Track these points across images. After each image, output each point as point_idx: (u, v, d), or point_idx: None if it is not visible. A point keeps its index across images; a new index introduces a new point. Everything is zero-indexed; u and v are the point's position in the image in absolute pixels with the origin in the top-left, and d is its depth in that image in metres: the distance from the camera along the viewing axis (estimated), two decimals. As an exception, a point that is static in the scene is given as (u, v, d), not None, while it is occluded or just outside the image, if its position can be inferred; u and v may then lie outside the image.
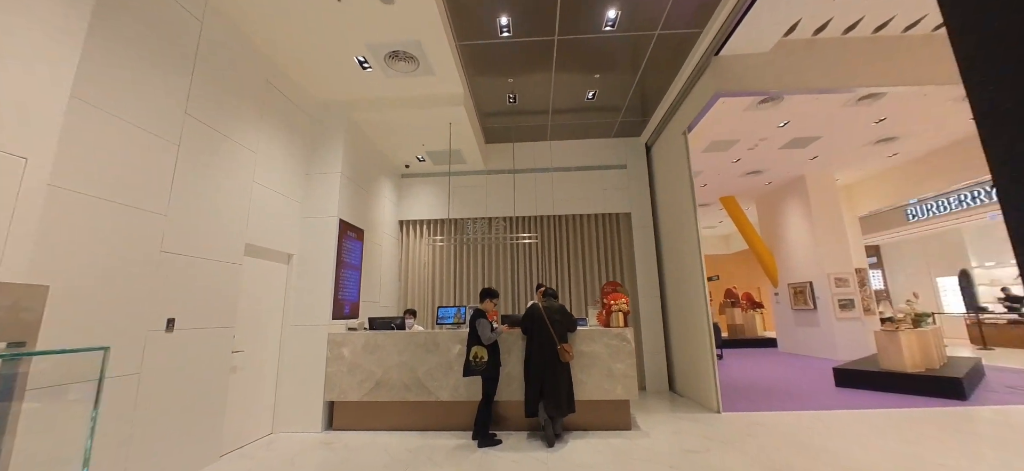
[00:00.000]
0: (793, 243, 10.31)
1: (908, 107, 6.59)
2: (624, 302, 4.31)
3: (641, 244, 6.75)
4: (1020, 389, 5.49)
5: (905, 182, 9.59)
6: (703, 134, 7.47)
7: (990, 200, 10.09)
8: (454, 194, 7.32)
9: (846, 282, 9.16)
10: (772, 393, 5.79)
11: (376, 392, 4.43)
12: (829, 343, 9.10)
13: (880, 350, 5.90)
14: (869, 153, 8.63)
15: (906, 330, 5.78)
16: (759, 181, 10.23)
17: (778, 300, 11.01)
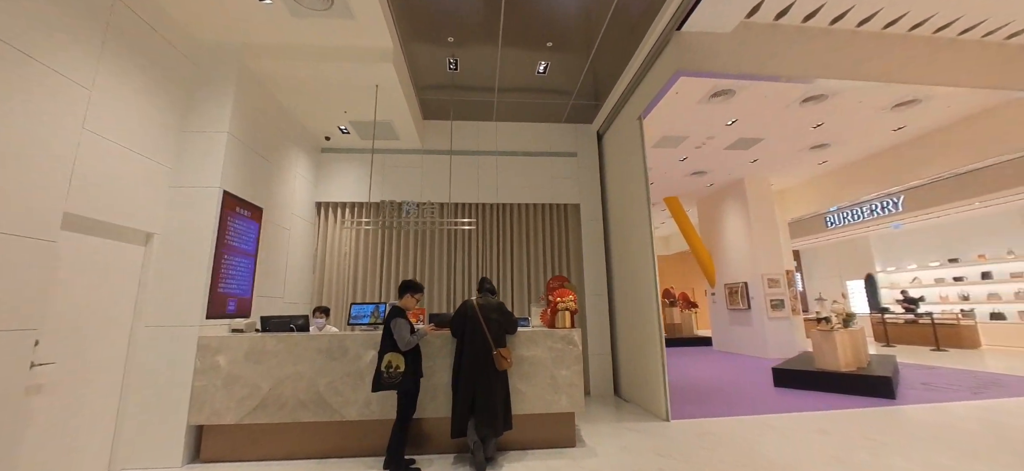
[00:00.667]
0: (730, 245, 10.55)
1: (843, 114, 6.76)
2: (572, 299, 3.75)
3: (590, 238, 6.29)
4: (933, 385, 5.74)
5: (829, 190, 10.15)
6: (655, 128, 7.21)
7: (896, 210, 11.04)
8: (386, 176, 6.38)
9: (778, 283, 9.47)
10: (716, 395, 5.59)
11: (261, 412, 3.47)
12: (761, 342, 9.36)
13: (816, 350, 5.93)
14: (802, 159, 8.95)
15: (839, 330, 5.84)
16: (702, 182, 10.33)
17: (714, 300, 11.26)
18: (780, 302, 9.32)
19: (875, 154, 8.83)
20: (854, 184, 9.48)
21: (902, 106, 6.68)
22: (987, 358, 8.35)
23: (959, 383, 5.88)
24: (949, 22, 4.57)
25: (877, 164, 8.88)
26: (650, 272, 4.79)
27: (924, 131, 7.71)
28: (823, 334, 5.80)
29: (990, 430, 3.82)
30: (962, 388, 5.56)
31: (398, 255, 6.23)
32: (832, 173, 9.94)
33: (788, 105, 6.51)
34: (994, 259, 10.72)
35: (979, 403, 4.75)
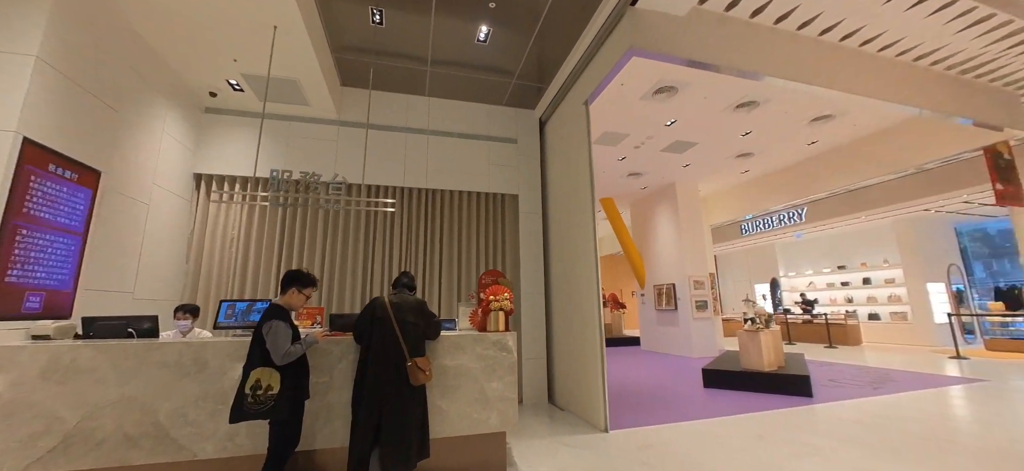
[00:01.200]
0: (660, 247, 10.80)
1: (769, 124, 7.06)
2: (507, 298, 3.18)
3: (528, 233, 5.79)
4: (839, 382, 6.12)
5: (747, 199, 10.82)
6: (597, 123, 6.94)
7: (799, 221, 12.14)
8: (291, 148, 5.32)
9: (702, 285, 9.83)
10: (652, 399, 5.40)
11: (62, 456, 2.41)
12: (686, 341, 9.64)
13: (742, 350, 6.03)
14: (728, 167, 9.37)
15: (763, 330, 5.99)
16: (637, 185, 10.44)
17: (643, 301, 11.49)
18: (704, 303, 9.68)
19: (789, 167, 9.50)
20: (769, 194, 10.17)
21: (818, 121, 7.13)
22: (868, 353, 9.36)
23: (859, 379, 6.34)
24: (872, 37, 4.75)
25: (790, 176, 9.58)
26: (592, 271, 4.40)
27: (832, 148, 8.40)
28: (749, 335, 5.90)
29: (907, 425, 3.97)
30: (863, 384, 5.96)
31: (302, 242, 5.21)
32: (751, 183, 10.60)
33: (724, 109, 6.61)
34: (873, 267, 12.23)
35: (884, 399, 5.05)
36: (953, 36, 4.70)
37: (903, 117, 7.09)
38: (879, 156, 7.75)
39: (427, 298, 5.31)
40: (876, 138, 7.78)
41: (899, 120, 7.22)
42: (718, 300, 10.87)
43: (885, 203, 9.89)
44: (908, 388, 5.60)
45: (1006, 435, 3.70)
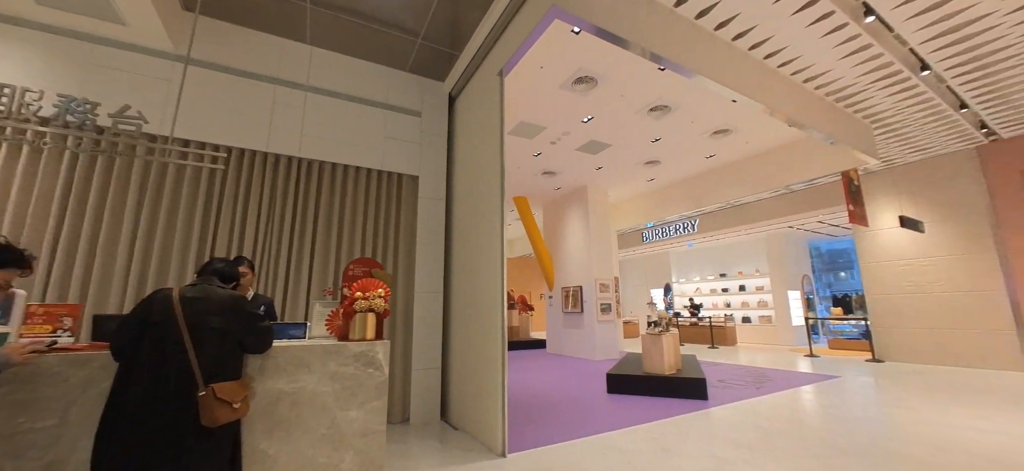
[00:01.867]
0: (570, 249, 10.74)
1: (677, 132, 7.25)
2: (381, 295, 2.36)
3: (427, 222, 4.97)
4: (728, 383, 6.39)
5: (651, 207, 11.32)
6: (513, 110, 6.43)
7: (692, 231, 13.14)
8: (102, 81, 3.78)
9: (607, 288, 9.95)
10: (555, 410, 4.97)
11: None
12: (590, 344, 9.64)
13: (645, 353, 5.95)
14: (637, 174, 9.61)
15: (665, 334, 5.98)
16: (551, 184, 10.23)
17: (551, 303, 11.35)
18: (608, 306, 9.79)
19: (689, 178, 10.08)
20: (669, 204, 10.72)
21: (718, 134, 7.52)
22: (742, 353, 10.33)
23: (743, 379, 6.72)
24: (775, 51, 4.91)
25: (688, 188, 10.18)
26: (497, 269, 3.77)
27: (726, 163, 9.04)
28: (652, 338, 5.84)
29: (798, 425, 4.05)
30: (748, 384, 6.29)
31: (99, 209, 3.71)
32: (655, 192, 11.10)
33: (639, 111, 6.55)
34: (747, 276, 13.76)
35: (769, 399, 5.27)
36: (837, 62, 5.07)
37: (784, 140, 7.82)
38: (762, 174, 8.50)
39: (291, 296, 4.18)
40: (761, 158, 8.52)
41: (780, 142, 7.96)
42: (619, 304, 11.20)
43: (761, 219, 11.08)
44: (784, 387, 6.01)
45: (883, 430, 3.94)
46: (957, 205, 7.65)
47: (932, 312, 7.82)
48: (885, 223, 8.56)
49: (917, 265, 8.09)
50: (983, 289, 7.26)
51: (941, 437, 3.74)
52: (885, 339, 8.43)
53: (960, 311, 7.49)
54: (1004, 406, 4.68)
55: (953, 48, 4.80)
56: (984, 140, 7.27)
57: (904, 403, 4.90)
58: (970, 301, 7.39)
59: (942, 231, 7.80)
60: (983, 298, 7.25)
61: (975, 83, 5.50)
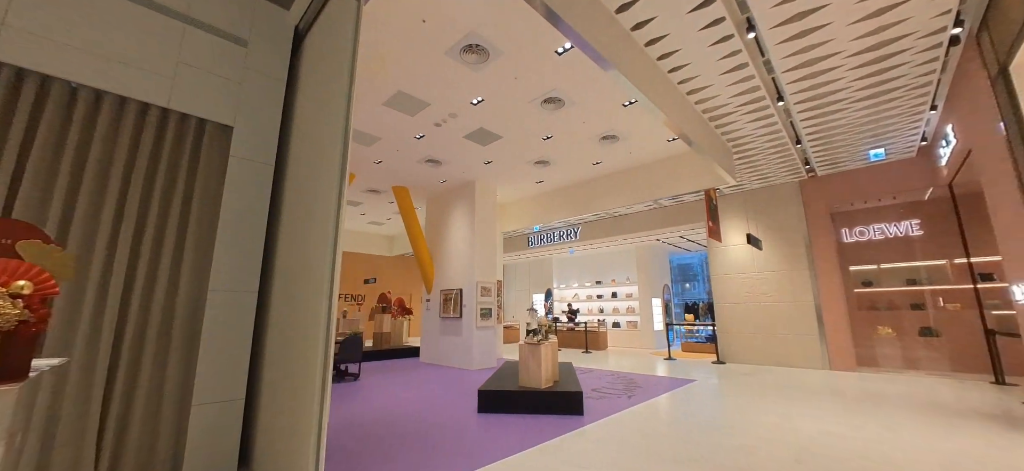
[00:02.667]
0: (453, 249, 9.86)
1: (568, 132, 6.95)
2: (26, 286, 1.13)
3: (240, 189, 3.52)
4: (601, 391, 6.21)
5: (538, 210, 11.12)
6: (393, 75, 5.31)
7: (574, 238, 13.45)
8: None
9: (489, 292, 9.32)
10: (415, 438, 4.00)
11: None
12: (467, 352, 8.87)
13: (522, 365, 5.36)
14: (526, 173, 9.22)
15: (544, 343, 5.50)
16: (436, 176, 9.22)
17: (428, 307, 10.30)
18: (488, 311, 9.16)
19: (575, 184, 10.09)
20: (556, 208, 10.63)
21: (607, 140, 7.47)
22: (612, 358, 10.74)
23: (615, 386, 6.65)
24: (670, 51, 4.77)
25: (574, 193, 10.19)
26: (327, 267, 2.67)
27: (610, 172, 9.20)
28: (530, 348, 5.28)
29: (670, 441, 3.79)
30: (620, 392, 6.19)
31: None
32: (543, 195, 10.92)
33: (532, 100, 6.01)
34: (620, 284, 14.66)
35: (639, 409, 5.10)
36: (718, 76, 5.19)
37: (660, 155, 8.19)
38: (639, 186, 8.84)
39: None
40: (639, 171, 8.86)
41: (657, 157, 8.33)
42: (502, 308, 10.74)
43: (635, 230, 11.76)
44: (652, 394, 6.03)
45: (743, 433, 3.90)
46: (785, 228, 8.95)
47: (762, 319, 9.00)
48: (733, 240, 9.66)
49: (754, 278, 9.26)
50: (799, 300, 8.57)
51: (785, 439, 3.86)
52: (727, 343, 9.46)
53: (782, 319, 8.73)
54: (814, 399, 5.27)
55: (805, 82, 5.28)
56: (805, 176, 8.62)
57: (753, 405, 5.18)
58: (789, 310, 8.66)
59: (773, 250, 9.05)
60: (798, 308, 8.55)
61: (811, 120, 6.27)
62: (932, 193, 7.89)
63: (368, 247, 16.93)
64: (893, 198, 8.24)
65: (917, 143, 7.12)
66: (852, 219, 9.15)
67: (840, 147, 7.21)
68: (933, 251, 8.18)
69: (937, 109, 5.97)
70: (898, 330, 8.25)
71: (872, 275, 8.84)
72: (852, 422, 4.44)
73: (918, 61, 4.85)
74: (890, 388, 6.18)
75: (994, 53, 4.02)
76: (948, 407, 4.99)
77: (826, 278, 8.29)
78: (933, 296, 8.07)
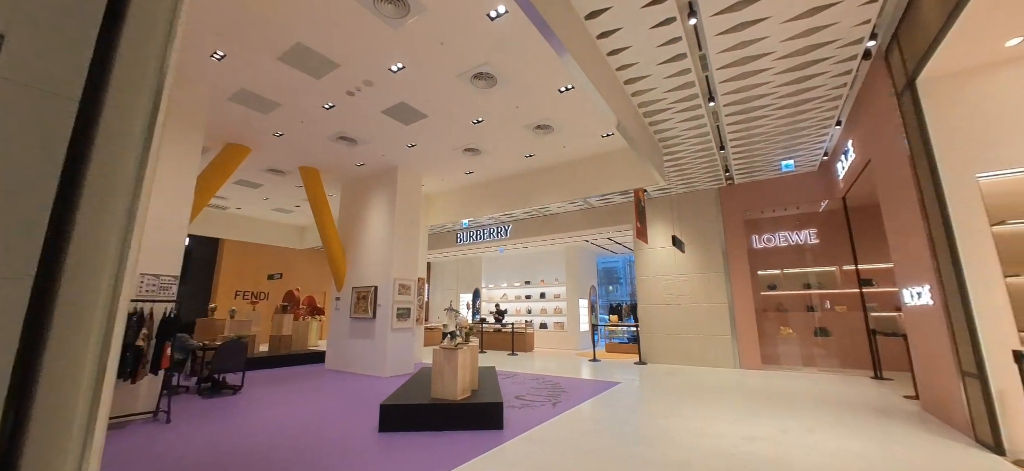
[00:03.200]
0: (370, 242, 8.80)
1: (500, 117, 6.38)
2: None
3: (15, 130, 2.39)
4: (524, 398, 5.71)
5: (468, 204, 10.43)
6: (288, 24, 4.29)
7: (504, 237, 12.97)
8: None
9: (408, 290, 8.43)
10: (285, 466, 3.11)
11: None
12: (380, 357, 7.89)
13: (436, 373, 4.64)
14: (455, 163, 8.48)
15: (462, 347, 4.84)
16: (351, 156, 8.10)
17: (338, 306, 9.10)
18: (407, 311, 8.27)
19: (507, 177, 9.57)
20: (486, 203, 10.03)
21: (541, 130, 7.02)
22: (538, 360, 10.41)
23: (540, 392, 6.19)
24: (610, 30, 4.38)
25: (506, 188, 9.67)
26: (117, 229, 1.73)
27: (542, 166, 8.81)
28: (446, 354, 4.59)
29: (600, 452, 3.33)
30: (544, 399, 5.73)
31: None
32: (473, 188, 10.26)
33: (461, 74, 5.33)
34: (549, 284, 14.48)
35: (564, 418, 4.66)
36: (655, 66, 4.95)
37: (593, 152, 7.97)
38: (571, 183, 8.58)
39: None
40: (572, 167, 8.59)
41: (590, 153, 8.10)
42: (424, 308, 9.87)
43: (565, 230, 11.59)
44: (577, 400, 5.66)
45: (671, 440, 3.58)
46: (705, 233, 9.27)
47: (681, 320, 9.23)
48: (658, 243, 9.82)
49: (675, 280, 9.48)
50: (715, 302, 8.89)
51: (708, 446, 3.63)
52: (649, 344, 9.58)
53: (699, 320, 9.01)
54: (732, 400, 5.28)
55: (736, 82, 5.25)
56: (725, 183, 8.99)
57: (676, 410, 5.01)
58: (706, 312, 8.96)
59: (694, 254, 9.34)
60: (714, 310, 8.87)
61: (736, 125, 6.39)
62: (827, 205, 8.63)
63: (273, 237, 14.91)
64: (797, 208, 8.90)
65: (820, 157, 7.69)
66: (761, 226, 9.78)
67: (757, 155, 7.53)
68: (826, 258, 8.98)
69: (841, 125, 6.39)
70: (797, 330, 8.91)
71: (776, 279, 9.50)
72: (776, 425, 4.39)
73: (835, 72, 5.03)
74: (794, 384, 6.49)
75: (903, 67, 4.20)
76: (853, 404, 5.24)
77: (739, 282, 8.70)
78: (826, 299, 8.84)
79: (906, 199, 4.53)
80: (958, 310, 3.75)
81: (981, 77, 3.84)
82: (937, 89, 3.98)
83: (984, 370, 3.51)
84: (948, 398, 4.25)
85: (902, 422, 4.46)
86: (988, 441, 3.55)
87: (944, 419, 4.41)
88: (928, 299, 4.37)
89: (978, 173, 3.74)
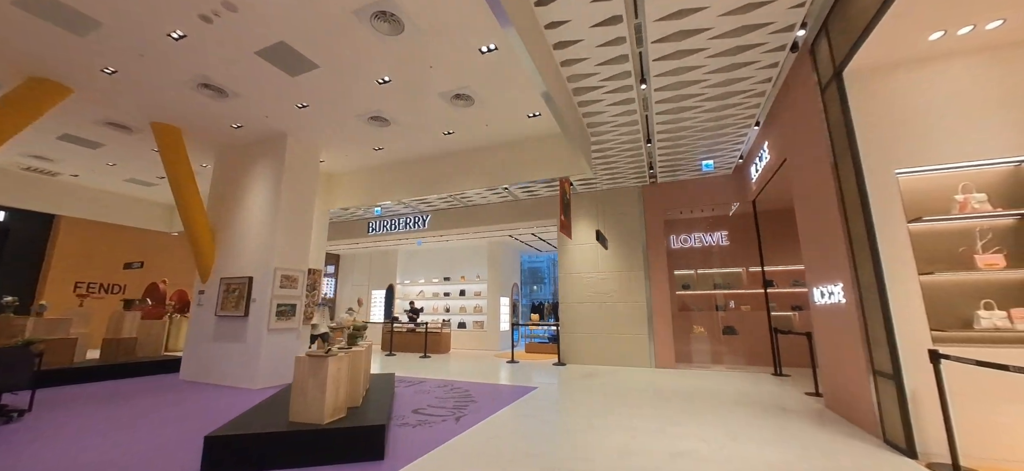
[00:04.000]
0: (248, 224, 7.17)
1: (411, 79, 5.35)
2: None
3: None
4: (422, 411, 4.78)
5: (379, 187, 9.15)
6: None
7: (422, 227, 11.83)
8: None
9: (295, 282, 6.98)
10: None
11: None
12: (251, 365, 6.36)
13: (296, 391, 3.50)
14: (359, 135, 7.21)
15: (340, 352, 3.77)
16: (223, 114, 6.45)
17: (201, 301, 7.31)
18: (290, 308, 6.82)
19: (423, 158, 8.49)
20: (399, 185, 8.86)
21: (460, 100, 6.11)
22: (453, 362, 9.49)
23: (445, 403, 5.30)
24: None
25: (422, 169, 8.60)
26: None
27: (463, 147, 7.88)
28: (313, 362, 3.48)
29: None
30: (446, 411, 4.86)
31: None
32: (384, 167, 8.99)
33: (357, 11, 4.23)
34: (470, 281, 13.60)
35: (466, 438, 3.82)
36: (588, 29, 4.34)
37: (520, 133, 7.26)
38: (495, 168, 7.81)
39: None
40: (497, 149, 7.82)
41: (516, 136, 7.39)
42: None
43: (488, 222, 10.80)
44: (486, 412, 4.87)
45: None
46: (628, 231, 9.10)
47: (602, 319, 8.95)
48: (581, 239, 9.47)
49: (597, 279, 9.19)
50: (634, 302, 8.74)
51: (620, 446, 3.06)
52: (568, 343, 9.18)
53: (619, 319, 8.79)
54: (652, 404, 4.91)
55: (669, 62, 4.86)
56: (648, 181, 8.89)
57: (597, 420, 4.45)
58: (625, 311, 8.77)
59: (616, 251, 9.12)
60: (633, 309, 8.71)
61: (664, 116, 6.10)
62: (738, 208, 8.93)
63: (132, 217, 12.01)
64: (712, 209, 9.10)
65: (736, 160, 7.83)
66: (678, 227, 9.92)
67: (682, 151, 7.42)
68: (734, 259, 9.32)
69: (759, 126, 6.43)
70: (707, 329, 9.11)
71: (690, 279, 9.68)
72: (697, 432, 4.00)
73: (763, 62, 4.86)
74: (707, 384, 6.38)
75: (830, 58, 4.06)
76: (764, 404, 5.12)
77: (657, 281, 8.63)
78: (733, 299, 9.16)
79: (823, 195, 4.44)
80: (875, 309, 3.63)
81: (903, 72, 3.78)
82: (861, 82, 3.86)
83: (900, 370, 3.38)
84: (854, 397, 4.20)
85: (812, 423, 4.35)
86: (899, 442, 3.43)
87: (847, 417, 4.39)
88: (840, 298, 4.30)
89: (897, 169, 3.66)
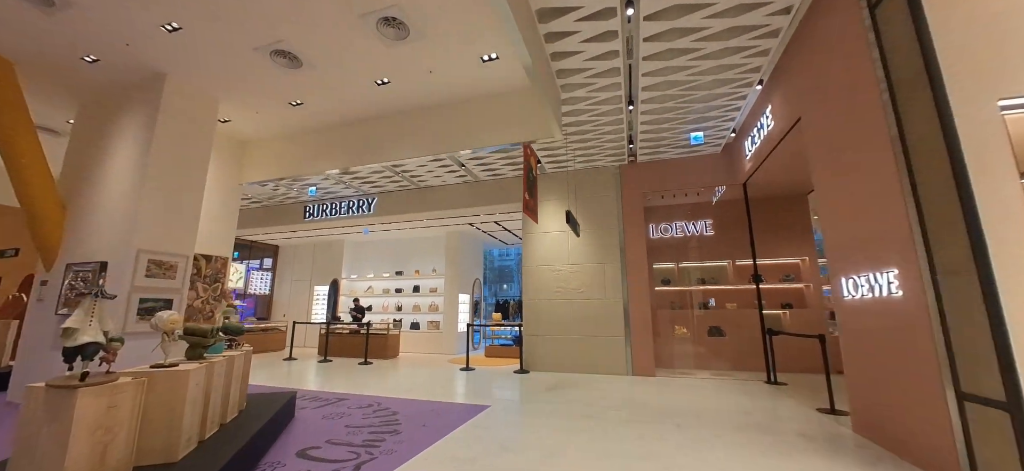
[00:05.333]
0: (108, 194, 5.39)
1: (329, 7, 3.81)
2: None
3: None
4: (318, 457, 3.29)
5: (304, 154, 7.49)
6: None
7: (368, 212, 10.18)
8: None
9: (172, 271, 5.26)
10: None
11: None
12: (98, 382, 4.62)
13: (20, 450, 1.93)
14: (265, 78, 5.55)
15: (120, 384, 2.23)
16: (64, 37, 4.66)
17: (41, 296, 5.44)
18: (163, 304, 5.11)
19: (354, 119, 6.90)
20: (326, 151, 7.25)
21: (390, 27, 4.60)
22: (400, 370, 7.98)
23: (350, 438, 3.81)
24: None
25: (353, 132, 7.02)
26: None
27: (403, 103, 6.35)
28: (57, 398, 1.93)
29: None
30: (350, 451, 3.40)
31: None
32: (307, 131, 7.32)
33: None
34: (425, 275, 12.05)
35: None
36: None
37: (474, 85, 5.83)
38: (444, 129, 6.37)
39: None
40: (445, 108, 6.38)
41: (468, 90, 5.97)
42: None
43: (443, 207, 9.31)
44: (413, 447, 3.44)
45: None
46: (603, 216, 7.88)
47: (571, 319, 7.71)
48: (550, 226, 8.17)
49: (567, 272, 7.93)
50: (608, 299, 7.52)
51: None
52: (533, 346, 7.87)
53: (591, 318, 7.57)
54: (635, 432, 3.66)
55: (657, 44, 3.58)
56: (627, 160, 7.70)
57: (564, 462, 3.12)
58: (599, 309, 7.55)
59: (590, 239, 7.88)
60: (608, 307, 7.50)
61: (653, 63, 4.84)
62: (723, 194, 7.91)
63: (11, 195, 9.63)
64: (697, 194, 8.03)
65: (727, 136, 6.76)
66: (657, 215, 8.83)
67: (668, 119, 6.22)
68: (719, 252, 8.31)
69: (761, 85, 5.33)
70: (690, 329, 8.04)
71: (671, 273, 8.60)
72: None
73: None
74: (696, 398, 5.19)
75: (892, -48, 2.90)
76: (775, 429, 3.96)
77: (635, 275, 7.46)
78: (718, 296, 8.13)
79: (867, 149, 3.31)
80: (965, 304, 2.48)
81: (1004, -39, 2.65)
82: (939, -18, 2.71)
83: (1018, 393, 2.23)
84: (910, 425, 3.07)
85: (855, 461, 3.20)
86: (1005, 503, 2.28)
87: (893, 449, 3.28)
88: (890, 289, 3.17)
89: (1001, 100, 2.52)
